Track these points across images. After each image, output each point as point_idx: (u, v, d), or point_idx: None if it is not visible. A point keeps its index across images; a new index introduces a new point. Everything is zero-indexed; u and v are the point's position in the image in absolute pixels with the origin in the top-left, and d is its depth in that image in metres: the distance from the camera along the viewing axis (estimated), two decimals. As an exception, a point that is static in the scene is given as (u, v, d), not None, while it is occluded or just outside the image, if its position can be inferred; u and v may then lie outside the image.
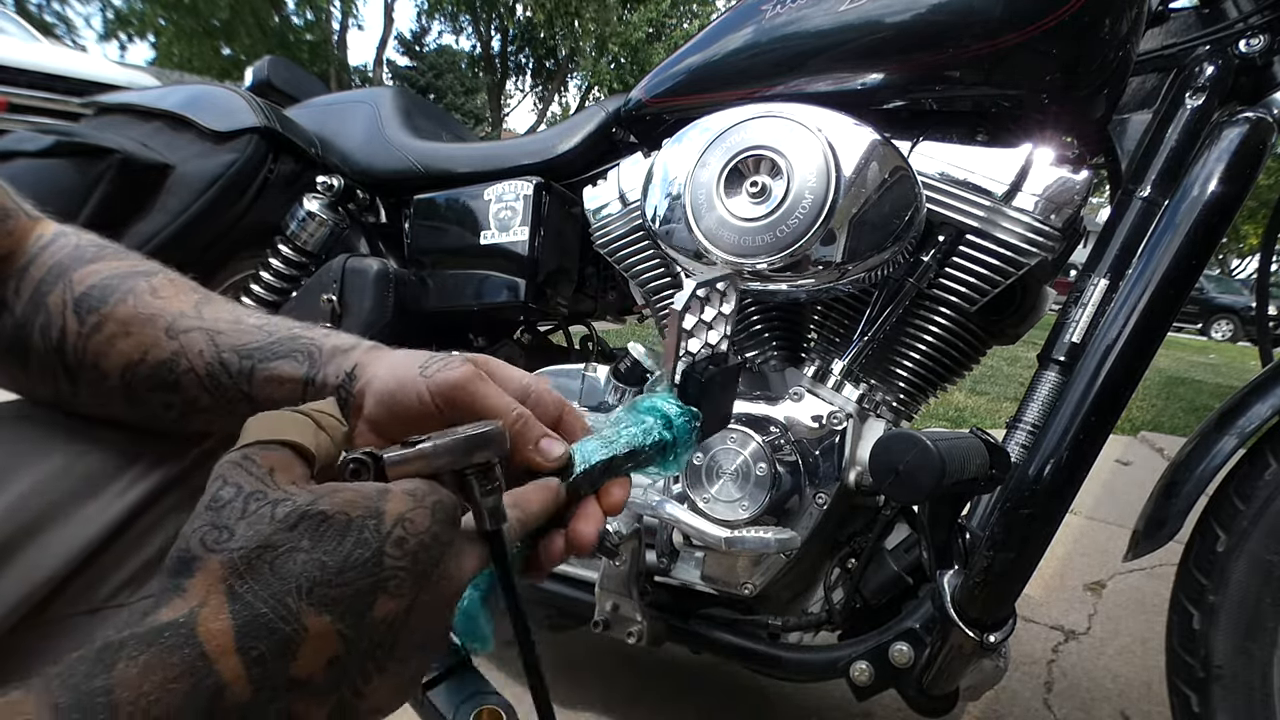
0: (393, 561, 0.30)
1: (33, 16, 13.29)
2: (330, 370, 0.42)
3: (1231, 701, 0.71)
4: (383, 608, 0.30)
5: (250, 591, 0.27)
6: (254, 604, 0.27)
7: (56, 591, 0.38)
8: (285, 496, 0.29)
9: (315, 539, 0.29)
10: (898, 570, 0.83)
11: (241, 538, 0.28)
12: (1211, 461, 0.71)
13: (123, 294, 0.42)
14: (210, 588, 0.27)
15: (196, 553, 0.28)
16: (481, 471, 0.34)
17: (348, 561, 0.29)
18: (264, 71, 1.45)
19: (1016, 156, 0.76)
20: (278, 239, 1.22)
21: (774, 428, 0.81)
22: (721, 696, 1.14)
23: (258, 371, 0.42)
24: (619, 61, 16.60)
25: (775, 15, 0.84)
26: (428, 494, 0.32)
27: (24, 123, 3.40)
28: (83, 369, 0.41)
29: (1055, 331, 0.76)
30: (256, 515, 0.29)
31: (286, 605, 0.27)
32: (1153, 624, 1.51)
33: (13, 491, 0.38)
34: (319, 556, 0.28)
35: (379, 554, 0.29)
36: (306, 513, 0.29)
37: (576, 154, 1.11)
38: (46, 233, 0.45)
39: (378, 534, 0.30)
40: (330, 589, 0.28)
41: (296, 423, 0.33)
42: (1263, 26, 0.74)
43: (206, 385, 0.41)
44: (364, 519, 0.30)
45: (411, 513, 0.31)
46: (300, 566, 0.28)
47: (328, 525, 0.29)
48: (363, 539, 0.29)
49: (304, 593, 0.28)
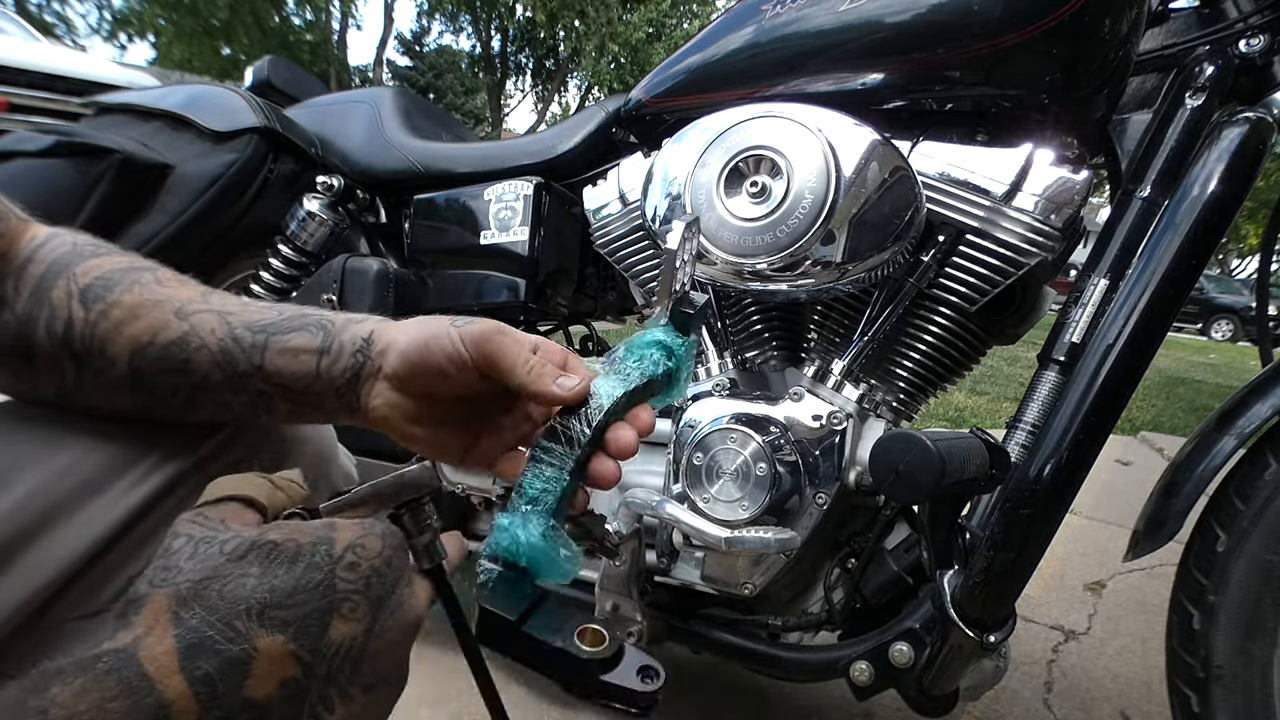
0: (346, 585, 0.30)
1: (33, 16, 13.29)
2: (346, 338, 0.43)
3: (1231, 701, 0.71)
4: (339, 630, 0.29)
5: (196, 616, 0.27)
6: (199, 627, 0.27)
7: (58, 595, 0.38)
8: (235, 535, 0.30)
9: (265, 565, 0.29)
10: (898, 570, 0.83)
11: (189, 572, 0.28)
12: (1211, 461, 0.71)
13: (128, 284, 0.43)
14: (156, 618, 0.27)
15: (143, 591, 0.28)
16: (413, 510, 0.35)
17: (299, 584, 0.29)
18: (264, 71, 1.45)
19: (1016, 156, 0.76)
20: (278, 239, 1.22)
21: (774, 428, 0.81)
22: (721, 696, 1.14)
23: (271, 344, 0.42)
24: (619, 61, 16.59)
25: (775, 15, 0.84)
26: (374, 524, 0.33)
27: (24, 123, 3.40)
28: (90, 356, 0.42)
29: (1055, 331, 0.76)
30: (204, 554, 0.29)
31: (234, 627, 0.27)
32: (1153, 624, 1.51)
33: (15, 492, 0.37)
34: (269, 580, 0.28)
35: (331, 576, 0.30)
36: (255, 543, 0.29)
37: (576, 154, 1.11)
38: (40, 234, 0.44)
39: (329, 558, 0.30)
40: (282, 610, 0.28)
41: (252, 483, 0.34)
42: (1263, 26, 0.74)
43: (219, 360, 0.42)
44: (314, 545, 0.30)
45: (362, 539, 0.31)
46: (249, 590, 0.28)
47: (277, 552, 0.29)
48: (314, 563, 0.30)
49: (254, 614, 0.28)
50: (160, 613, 0.27)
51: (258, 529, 0.30)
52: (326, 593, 0.29)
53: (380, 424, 0.44)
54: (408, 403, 0.43)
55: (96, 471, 0.41)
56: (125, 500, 0.41)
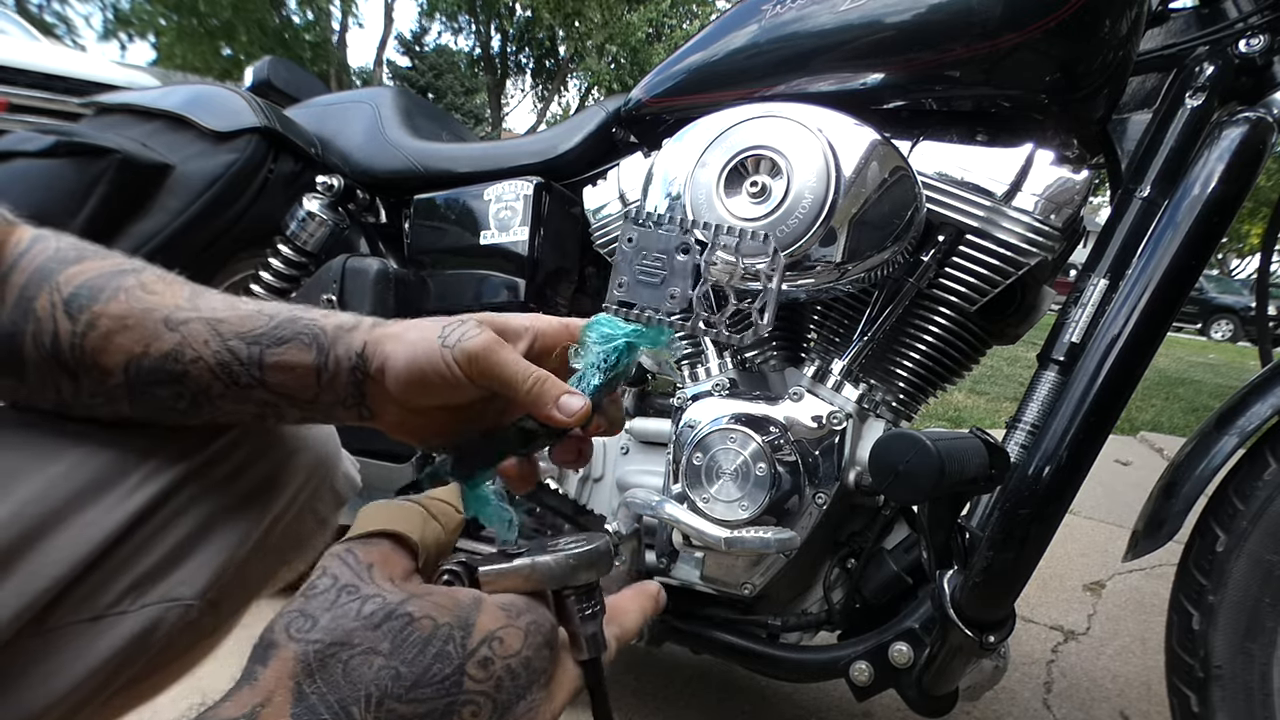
0: (474, 685, 0.28)
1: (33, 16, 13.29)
2: (340, 352, 0.41)
3: (1231, 702, 0.71)
4: None
5: (317, 693, 0.26)
6: (317, 707, 0.26)
7: (58, 599, 0.38)
8: (377, 593, 0.28)
9: (396, 643, 0.27)
10: (897, 570, 0.83)
11: (322, 629, 0.27)
12: (1211, 461, 0.71)
13: (113, 290, 0.41)
14: (280, 682, 0.26)
15: (278, 639, 0.27)
16: (583, 593, 0.32)
17: (424, 676, 0.27)
18: (264, 71, 1.45)
19: (1016, 156, 0.76)
20: (278, 239, 1.22)
21: (774, 428, 0.81)
22: (721, 696, 1.14)
23: (267, 357, 0.41)
24: (619, 62, 16.59)
25: (776, 15, 0.84)
26: (523, 612, 0.30)
27: (24, 123, 3.40)
28: (83, 369, 0.41)
29: (1055, 331, 0.76)
30: (343, 610, 0.28)
31: (350, 714, 0.26)
32: (1152, 624, 1.51)
33: (15, 498, 0.37)
34: (395, 665, 0.27)
35: (459, 672, 0.28)
36: (393, 612, 0.28)
37: (576, 154, 1.11)
38: (24, 238, 0.43)
39: (462, 649, 0.28)
40: (400, 704, 0.27)
41: (406, 513, 0.32)
42: (1262, 26, 0.74)
43: (218, 373, 0.41)
44: (450, 628, 0.28)
45: (503, 630, 0.29)
46: (374, 673, 0.27)
47: (412, 629, 0.28)
48: (445, 652, 0.28)
49: (373, 703, 0.26)
50: (284, 677, 0.26)
51: (401, 592, 0.29)
52: (451, 690, 0.28)
53: (396, 431, 0.44)
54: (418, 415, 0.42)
55: (96, 476, 0.40)
56: (125, 505, 0.40)
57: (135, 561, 0.41)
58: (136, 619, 0.40)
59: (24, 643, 0.37)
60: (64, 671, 0.38)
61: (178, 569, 0.42)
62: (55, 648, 0.38)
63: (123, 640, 0.40)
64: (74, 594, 0.38)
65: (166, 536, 0.42)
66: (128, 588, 0.40)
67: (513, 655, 0.29)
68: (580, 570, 0.32)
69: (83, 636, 0.39)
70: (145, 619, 0.41)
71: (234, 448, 0.46)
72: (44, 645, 0.37)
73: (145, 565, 0.41)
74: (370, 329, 0.42)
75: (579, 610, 0.32)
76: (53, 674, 0.38)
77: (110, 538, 0.39)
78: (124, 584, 0.40)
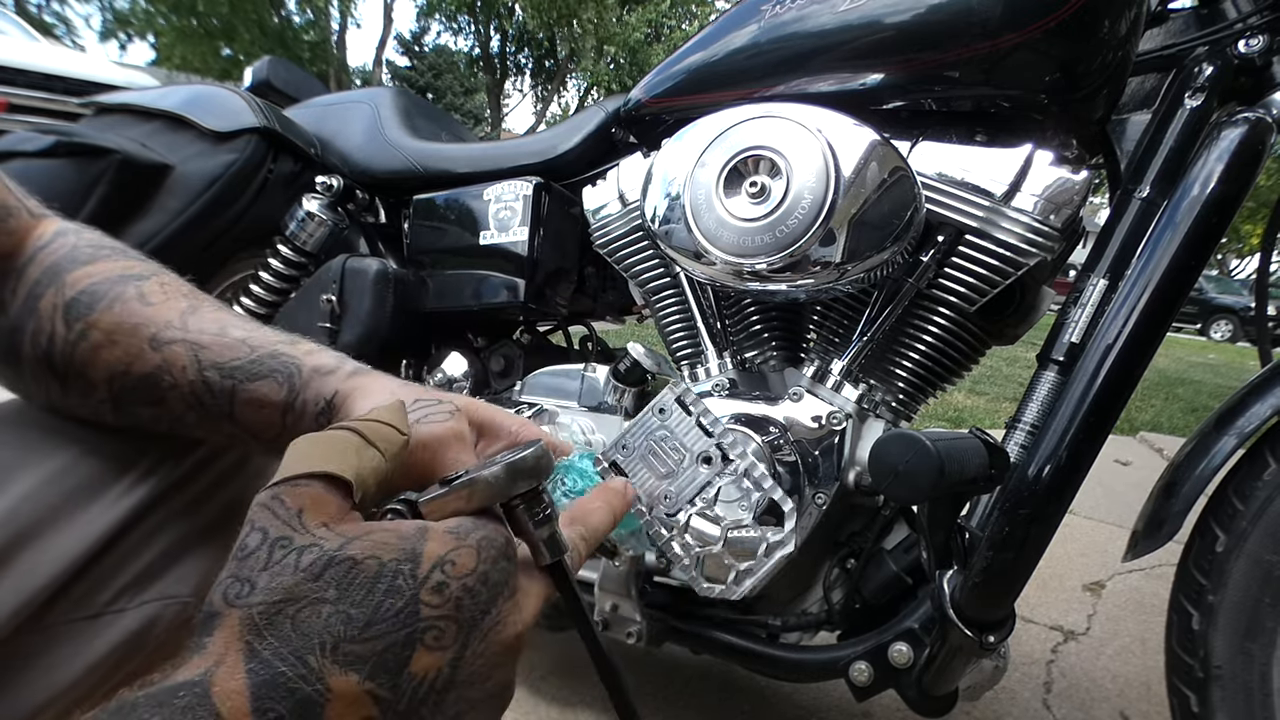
0: (431, 610, 0.27)
1: (33, 16, 13.28)
2: (309, 395, 0.40)
3: (1231, 702, 0.71)
4: (421, 663, 0.27)
5: (269, 648, 0.25)
6: (272, 662, 0.25)
7: (56, 597, 0.38)
8: (312, 542, 0.27)
9: (342, 588, 0.26)
10: (897, 570, 0.83)
11: (263, 590, 0.26)
12: (1211, 462, 0.71)
13: (110, 300, 0.41)
14: (229, 644, 0.25)
15: (218, 608, 0.26)
16: (529, 500, 0.32)
17: (377, 614, 0.26)
18: (264, 71, 1.45)
19: (1016, 156, 0.76)
20: (277, 239, 1.22)
21: (773, 428, 0.81)
22: (721, 696, 1.14)
23: (239, 393, 0.40)
24: (618, 62, 16.59)
25: (775, 15, 0.84)
26: (472, 530, 0.30)
27: (24, 123, 3.40)
28: (70, 377, 0.41)
29: (1055, 331, 0.76)
30: (280, 565, 0.27)
31: (307, 663, 0.25)
32: (1152, 624, 1.51)
33: (12, 494, 0.37)
34: (345, 609, 0.26)
35: (414, 602, 0.27)
36: (334, 559, 0.27)
37: (576, 154, 1.10)
38: (47, 232, 0.44)
39: (412, 580, 0.27)
40: (357, 644, 0.26)
41: (337, 445, 0.30)
42: (1262, 27, 0.74)
43: (191, 404, 0.41)
44: (397, 563, 0.27)
45: (453, 553, 0.28)
46: (323, 621, 0.26)
47: (356, 572, 0.27)
48: (395, 586, 0.27)
49: (327, 649, 0.26)
50: (232, 639, 0.26)
51: (338, 537, 0.27)
52: (408, 621, 0.27)
53: None
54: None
55: (94, 473, 0.41)
56: (123, 502, 0.41)
57: (133, 558, 0.41)
58: (134, 616, 0.40)
59: (23, 640, 0.37)
60: (62, 668, 0.38)
61: (175, 566, 0.42)
62: (54, 645, 0.38)
63: (120, 637, 0.40)
64: (72, 591, 0.38)
65: (164, 533, 0.42)
66: (125, 585, 0.40)
67: (468, 574, 0.28)
68: (520, 478, 0.31)
69: (81, 634, 0.39)
70: (143, 616, 0.41)
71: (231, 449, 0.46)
72: (42, 642, 0.38)
73: (143, 562, 0.41)
74: (347, 377, 0.41)
75: (531, 518, 0.32)
76: (51, 671, 0.38)
77: (108, 535, 0.40)
78: (122, 581, 0.40)
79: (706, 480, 0.43)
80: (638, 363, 0.93)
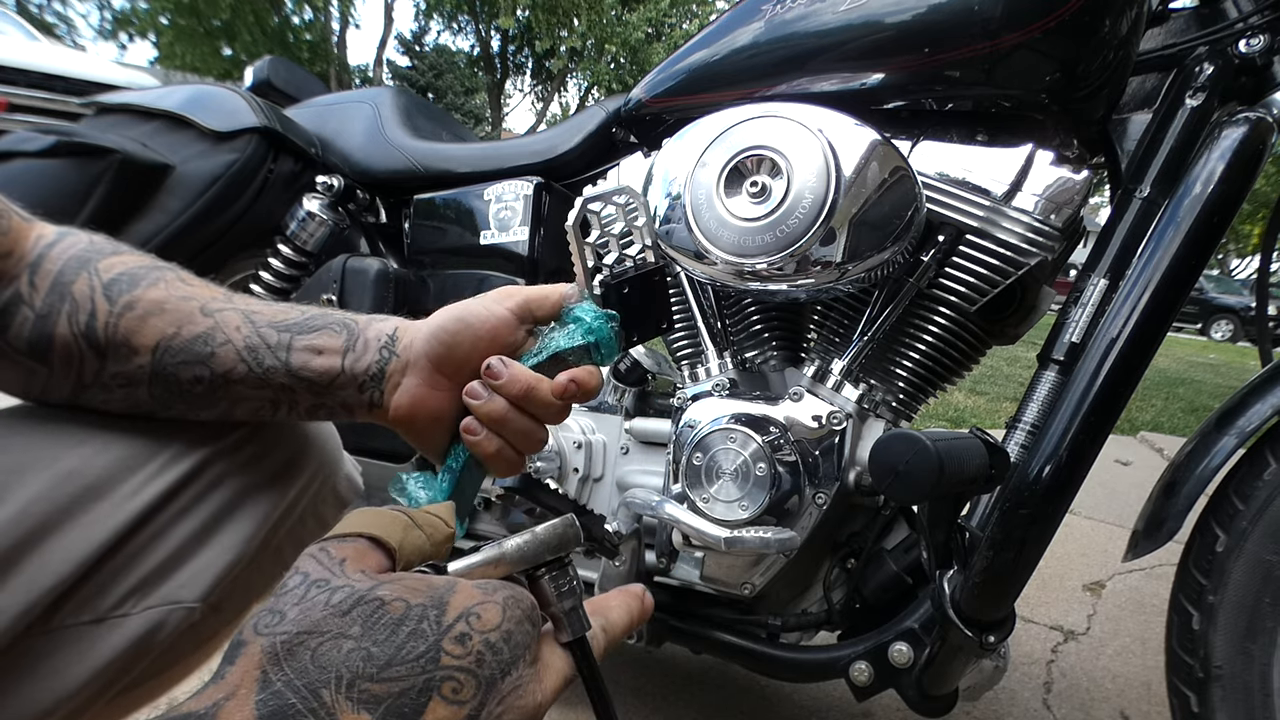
0: (451, 659, 0.27)
1: (33, 16, 13.29)
2: (370, 334, 0.44)
3: (1231, 702, 0.71)
4: (437, 713, 0.26)
5: (283, 679, 0.25)
6: (284, 693, 0.24)
7: (62, 600, 0.38)
8: (346, 583, 0.27)
9: (367, 626, 0.26)
10: (897, 570, 0.83)
11: (290, 621, 0.26)
12: (1211, 461, 0.71)
13: (153, 279, 0.43)
14: (246, 674, 0.25)
15: (246, 637, 0.26)
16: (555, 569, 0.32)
17: (398, 655, 0.26)
18: (264, 71, 1.45)
19: (1016, 156, 0.76)
20: (278, 239, 1.22)
21: (774, 428, 0.81)
22: (721, 696, 1.14)
23: (296, 341, 0.43)
24: (618, 62, 16.59)
25: (776, 15, 0.84)
26: (499, 589, 0.30)
27: (24, 123, 3.40)
28: (113, 347, 0.42)
29: (1055, 331, 0.76)
30: (311, 602, 0.27)
31: (320, 697, 0.25)
32: (1152, 624, 1.52)
33: (19, 497, 0.37)
34: (366, 646, 0.26)
35: (435, 648, 0.26)
36: (363, 598, 0.27)
37: (576, 154, 1.10)
38: (48, 233, 0.44)
39: (437, 626, 0.27)
40: (374, 684, 0.25)
41: (388, 520, 0.31)
42: (1262, 27, 0.74)
43: (244, 356, 0.42)
44: (424, 608, 0.27)
45: (479, 606, 0.28)
46: (343, 656, 0.25)
47: (383, 611, 0.27)
48: (419, 630, 0.27)
49: (343, 685, 0.25)
50: (251, 668, 0.25)
51: (371, 580, 0.28)
52: (428, 667, 0.26)
53: (400, 422, 0.45)
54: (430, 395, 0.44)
55: (101, 475, 0.41)
56: (130, 504, 0.41)
57: (138, 563, 0.41)
58: (139, 621, 0.40)
59: (28, 643, 0.37)
60: (68, 672, 0.38)
61: (180, 571, 0.42)
62: (59, 649, 0.38)
63: (125, 642, 0.40)
64: (77, 595, 0.38)
65: (169, 538, 0.42)
66: (130, 590, 0.40)
67: (491, 629, 0.28)
68: (548, 548, 0.31)
69: (86, 638, 0.39)
70: (148, 621, 0.41)
71: (245, 442, 0.46)
72: (48, 646, 0.38)
73: (148, 567, 0.41)
74: (402, 319, 0.46)
75: (555, 589, 0.32)
76: (56, 675, 0.38)
77: (115, 537, 0.40)
78: (126, 586, 0.40)
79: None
80: (638, 363, 0.93)
